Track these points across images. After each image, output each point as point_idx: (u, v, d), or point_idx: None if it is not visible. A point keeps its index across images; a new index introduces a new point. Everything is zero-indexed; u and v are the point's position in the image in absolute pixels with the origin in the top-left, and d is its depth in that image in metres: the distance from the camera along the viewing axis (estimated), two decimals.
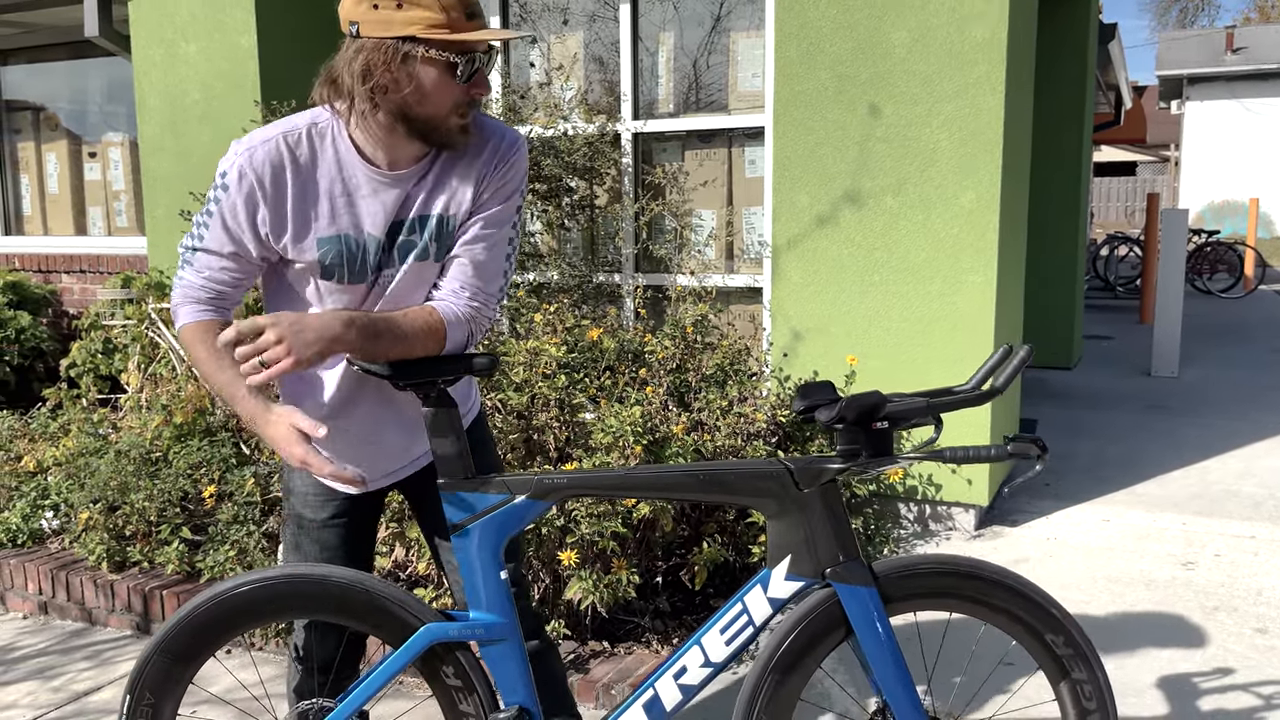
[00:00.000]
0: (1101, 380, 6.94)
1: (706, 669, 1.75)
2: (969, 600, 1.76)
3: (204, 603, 1.76)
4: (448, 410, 1.77)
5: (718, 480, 1.74)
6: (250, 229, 1.75)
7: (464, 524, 1.77)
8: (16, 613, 3.76)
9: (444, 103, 1.71)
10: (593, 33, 5.12)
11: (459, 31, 1.66)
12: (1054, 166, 7.11)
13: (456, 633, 1.77)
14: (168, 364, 4.85)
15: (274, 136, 1.74)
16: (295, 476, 2.01)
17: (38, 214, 6.98)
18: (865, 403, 1.69)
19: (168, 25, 5.24)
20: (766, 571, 1.75)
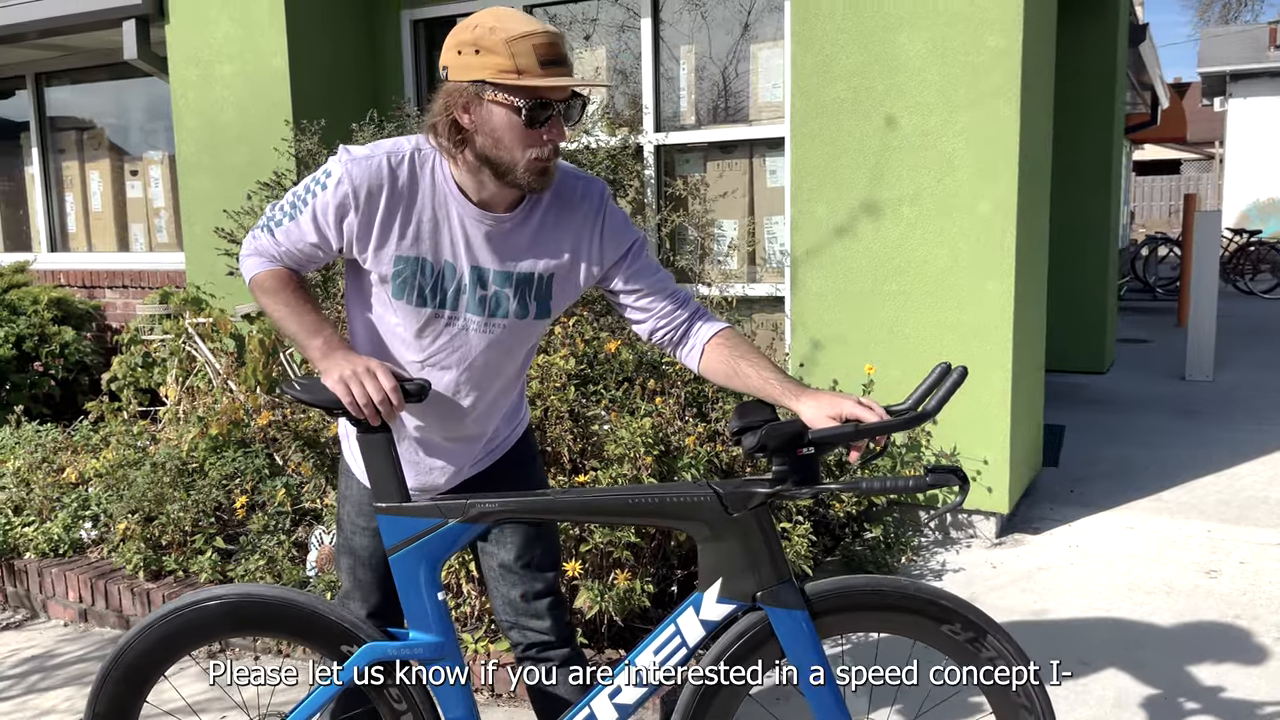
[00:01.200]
0: (1134, 385, 6.88)
1: (640, 689, 1.78)
2: (882, 615, 1.78)
3: (145, 627, 1.85)
4: (383, 435, 1.81)
5: (646, 505, 1.76)
6: (335, 230, 1.84)
7: (399, 546, 1.82)
8: (58, 620, 3.89)
9: (515, 147, 1.76)
10: (615, 47, 5.19)
11: (527, 78, 1.71)
12: (1082, 171, 7.05)
13: (395, 651, 1.84)
14: (204, 377, 4.98)
15: (380, 155, 1.82)
16: (353, 484, 2.09)
17: (82, 231, 7.19)
18: (785, 431, 1.68)
19: (203, 48, 5.39)
20: (699, 594, 1.76)
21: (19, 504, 4.23)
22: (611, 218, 1.95)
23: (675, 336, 1.97)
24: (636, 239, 1.97)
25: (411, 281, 1.87)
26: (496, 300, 1.90)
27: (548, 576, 2.18)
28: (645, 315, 1.99)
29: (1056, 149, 6.99)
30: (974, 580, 3.66)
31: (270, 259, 1.92)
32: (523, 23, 1.74)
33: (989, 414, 3.94)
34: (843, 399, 1.75)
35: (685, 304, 1.98)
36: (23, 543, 4.04)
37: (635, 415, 3.17)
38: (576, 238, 1.92)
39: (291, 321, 1.88)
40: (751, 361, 1.89)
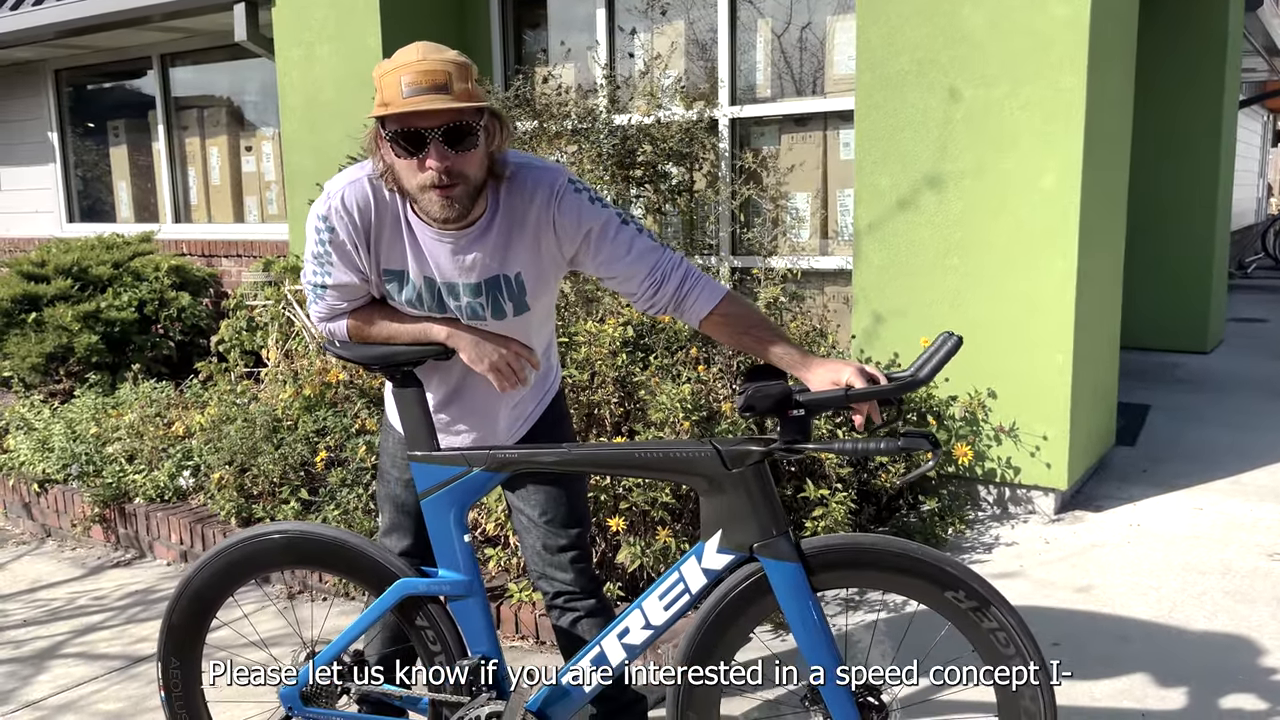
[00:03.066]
0: (1237, 365, 6.62)
1: (647, 631, 1.92)
2: (881, 574, 1.85)
3: (258, 533, 2.11)
4: (413, 389, 2.00)
5: (651, 459, 1.89)
6: (356, 256, 1.95)
7: (430, 491, 2.00)
8: (162, 560, 4.25)
9: (405, 176, 1.84)
10: (691, 20, 5.26)
11: (391, 108, 1.77)
12: (1187, 142, 6.78)
13: (426, 587, 2.02)
14: (301, 341, 5.30)
15: (360, 178, 1.93)
16: (387, 438, 2.30)
17: (203, 203, 7.67)
18: (769, 393, 1.78)
19: (304, 28, 5.69)
20: (701, 544, 1.88)
21: (132, 453, 4.61)
22: (564, 208, 1.94)
23: (667, 313, 2.02)
24: (593, 225, 1.95)
25: (397, 291, 2.00)
26: (472, 309, 2.01)
27: (570, 532, 2.32)
28: (629, 295, 2.03)
29: (1159, 118, 6.77)
30: (1024, 555, 3.67)
31: (340, 314, 2.03)
32: (407, 54, 1.79)
33: (1048, 390, 3.90)
34: (844, 366, 1.82)
35: (667, 282, 1.96)
36: (133, 489, 4.43)
37: (677, 382, 3.29)
38: (535, 234, 1.96)
39: (403, 334, 2.01)
40: (755, 335, 1.95)
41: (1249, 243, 13.74)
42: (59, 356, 6.03)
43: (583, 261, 2.01)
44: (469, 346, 2.00)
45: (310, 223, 1.96)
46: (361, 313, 2.03)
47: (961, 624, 1.82)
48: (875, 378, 1.81)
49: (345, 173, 1.97)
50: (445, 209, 1.85)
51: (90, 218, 8.38)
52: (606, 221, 1.96)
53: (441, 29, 5.70)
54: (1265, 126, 15.43)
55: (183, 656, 2.23)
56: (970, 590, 1.80)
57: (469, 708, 2.01)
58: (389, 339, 2.02)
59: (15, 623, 3.64)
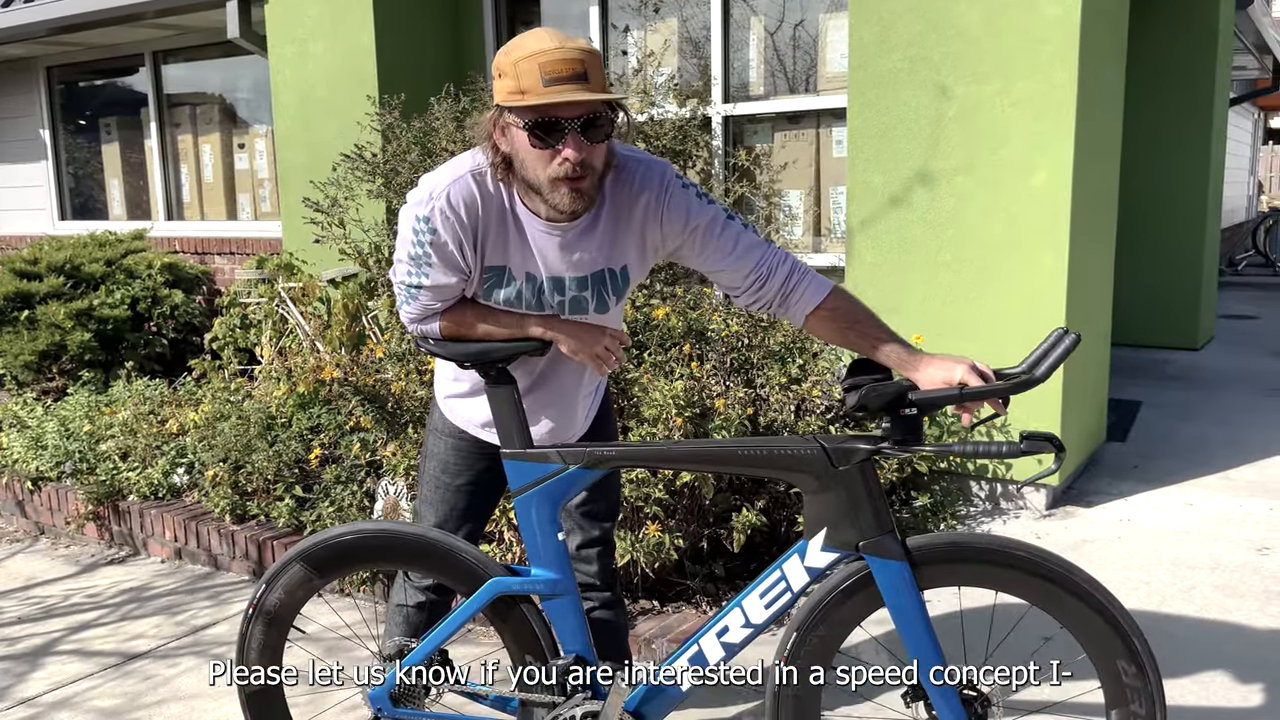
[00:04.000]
0: (1228, 362, 6.65)
1: (747, 629, 1.88)
2: (994, 572, 1.80)
3: (339, 534, 2.07)
4: (507, 387, 1.96)
5: (757, 457, 1.86)
6: (460, 256, 1.90)
7: (524, 489, 1.96)
8: (156, 557, 4.25)
9: (535, 166, 1.80)
10: (684, 18, 5.27)
11: (529, 97, 1.72)
12: (1178, 139, 6.81)
13: (519, 586, 1.99)
14: (295, 338, 5.31)
15: (463, 175, 1.88)
16: (441, 444, 2.25)
17: (195, 200, 7.66)
18: (886, 391, 1.75)
19: (298, 25, 5.69)
20: (804, 542, 1.85)
21: (125, 451, 4.61)
22: (672, 202, 1.92)
23: (771, 309, 1.98)
24: (702, 220, 1.93)
25: (497, 288, 1.96)
26: (577, 303, 1.98)
27: (605, 525, 2.34)
28: (731, 289, 1.99)
29: (1151, 116, 6.79)
30: None
31: (434, 315, 1.99)
32: (539, 41, 1.74)
33: (1040, 386, 3.91)
34: (956, 364, 1.78)
35: (773, 277, 1.93)
36: (126, 486, 4.43)
37: (671, 378, 3.30)
38: (642, 228, 1.95)
39: (499, 332, 1.97)
40: (861, 331, 1.90)
41: (1239, 240, 13.79)
42: (52, 354, 6.02)
43: (685, 255, 1.99)
44: (569, 338, 1.97)
45: (406, 222, 1.91)
46: (454, 311, 1.99)
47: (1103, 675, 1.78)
48: (988, 375, 1.78)
49: (444, 170, 1.92)
50: (574, 201, 1.83)
51: (82, 215, 8.37)
52: (713, 218, 1.93)
53: (435, 26, 5.71)
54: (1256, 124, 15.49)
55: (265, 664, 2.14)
56: (1140, 670, 1.75)
57: (564, 708, 1.98)
58: (485, 337, 1.98)
59: (9, 620, 3.65)
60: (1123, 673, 1.78)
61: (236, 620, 3.49)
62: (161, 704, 2.97)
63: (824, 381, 3.65)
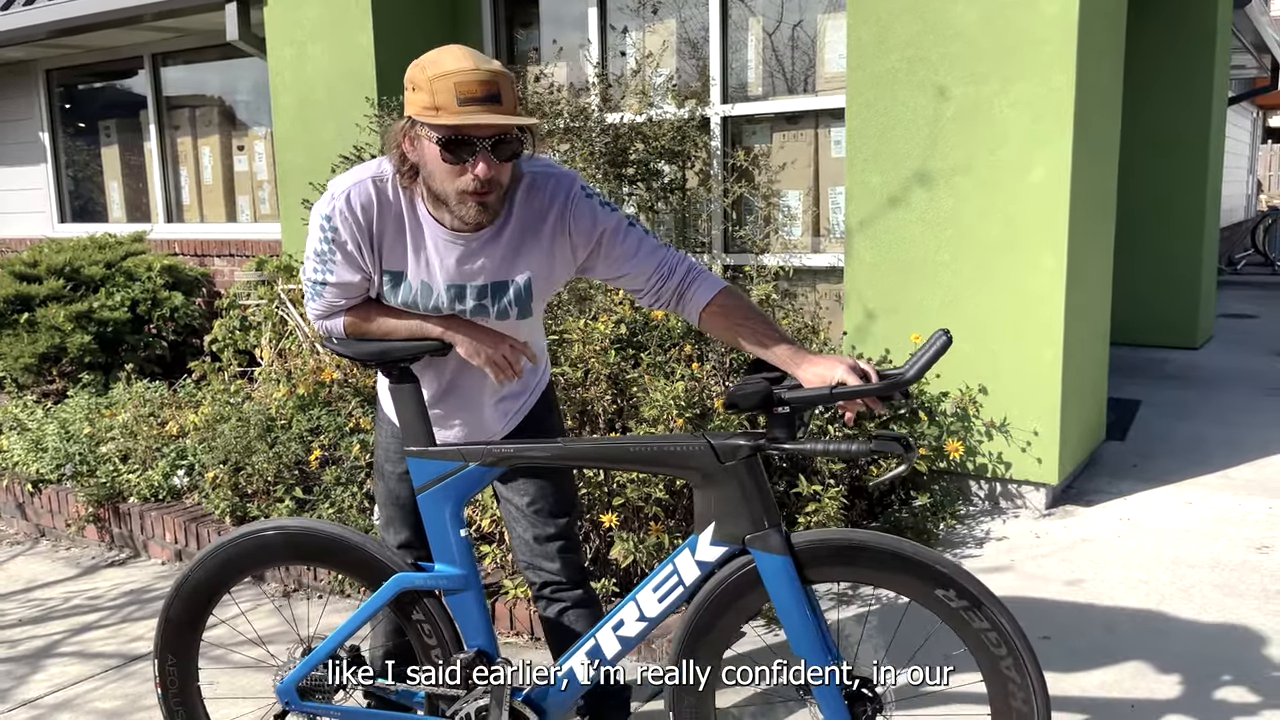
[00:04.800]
0: (1227, 361, 6.66)
1: (642, 623, 1.94)
2: (872, 570, 1.85)
3: (257, 529, 2.12)
4: (410, 385, 2.03)
5: (646, 453, 1.91)
6: (360, 256, 1.97)
7: (426, 486, 2.02)
8: (156, 559, 4.26)
9: (446, 180, 1.86)
10: (683, 19, 5.28)
11: (443, 115, 1.78)
12: (1177, 138, 6.82)
13: (423, 582, 2.04)
14: (295, 340, 5.31)
15: (365, 179, 1.95)
16: (381, 433, 2.33)
17: (195, 203, 7.67)
18: (749, 391, 1.81)
19: (296, 27, 5.69)
20: (694, 536, 1.89)
21: (126, 453, 4.62)
22: (577, 214, 1.98)
23: (670, 306, 2.05)
24: (605, 228, 2.00)
25: (394, 292, 2.02)
26: (477, 311, 2.04)
27: (559, 522, 2.34)
28: (635, 291, 2.07)
29: (1149, 116, 6.80)
30: (1016, 549, 3.69)
31: (338, 311, 2.05)
32: (456, 60, 1.79)
33: (1039, 386, 3.93)
34: (836, 364, 1.82)
35: (672, 276, 2.01)
36: (127, 488, 4.43)
37: (671, 379, 3.31)
38: (550, 241, 2.00)
39: (400, 330, 2.03)
40: (750, 328, 1.96)
41: (1239, 239, 13.80)
42: (52, 357, 6.02)
43: (593, 264, 2.05)
44: (465, 341, 2.03)
45: (314, 221, 1.98)
46: (358, 310, 2.05)
47: (953, 622, 1.83)
48: (867, 375, 1.81)
49: (349, 173, 1.99)
50: (479, 214, 1.90)
51: (82, 218, 8.38)
52: (617, 224, 2.01)
53: (433, 28, 5.71)
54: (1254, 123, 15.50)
55: (179, 653, 2.25)
56: (961, 589, 1.80)
57: (464, 701, 2.04)
58: (385, 335, 2.04)
59: (11, 622, 3.65)
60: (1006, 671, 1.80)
61: (236, 622, 3.50)
62: None
63: None
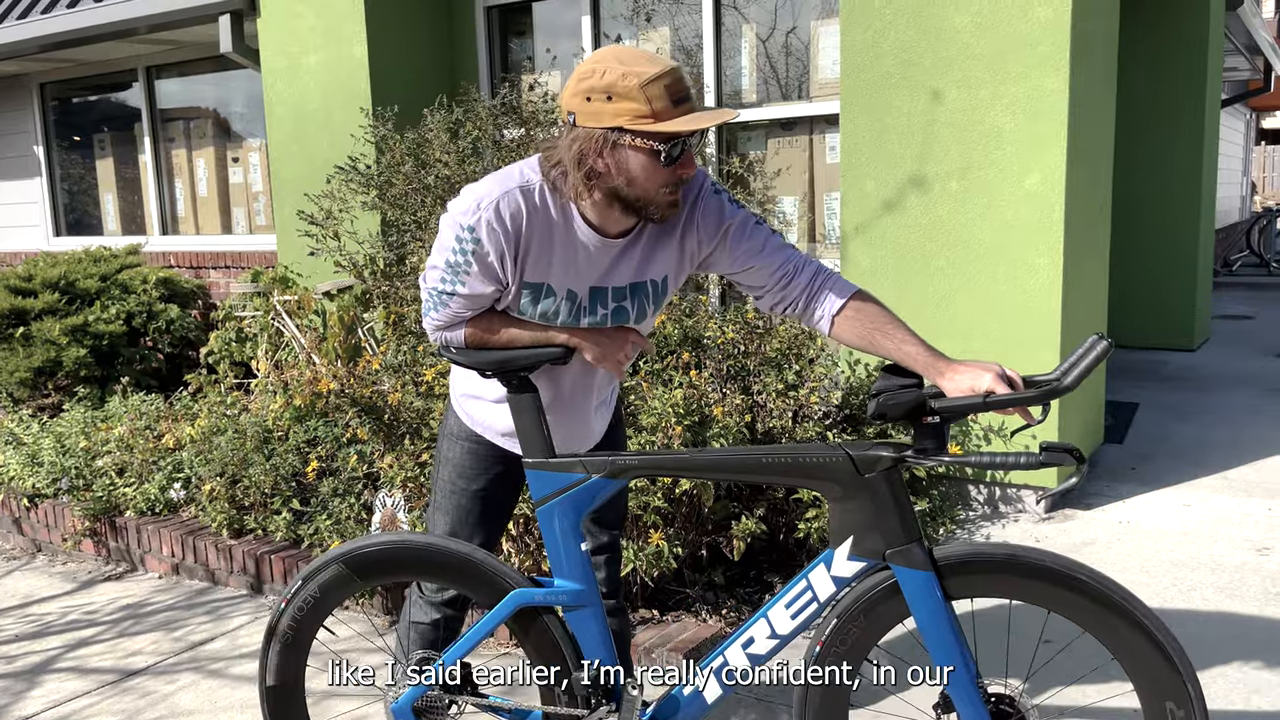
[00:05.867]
0: (1224, 362, 6.66)
1: (773, 640, 1.86)
2: (1030, 590, 1.75)
3: (377, 543, 2.05)
4: (530, 395, 1.96)
5: (782, 465, 1.83)
6: (500, 268, 1.91)
7: (546, 499, 1.95)
8: (153, 573, 4.24)
9: (651, 185, 1.83)
10: (676, 27, 5.28)
11: (663, 121, 1.75)
12: (1170, 142, 6.84)
13: (542, 598, 1.97)
14: (291, 351, 5.30)
15: (512, 189, 1.89)
16: (455, 449, 2.23)
17: (190, 214, 7.66)
18: (903, 400, 1.73)
19: (291, 39, 5.69)
20: (830, 551, 1.82)
21: (122, 466, 4.60)
22: (706, 209, 1.97)
23: (797, 310, 1.99)
24: (732, 221, 1.97)
25: (535, 302, 1.97)
26: (619, 313, 2.00)
27: (613, 533, 2.34)
28: (759, 292, 2.01)
29: (1144, 119, 6.82)
30: None
31: (460, 323, 1.99)
32: (650, 64, 1.78)
33: None
34: (983, 372, 1.74)
35: (799, 275, 1.97)
36: (123, 502, 4.41)
37: (669, 387, 3.30)
38: (682, 236, 1.99)
39: (523, 339, 1.98)
40: (887, 333, 1.89)
41: (1234, 240, 13.82)
42: (47, 370, 6.00)
43: (717, 258, 2.01)
44: (593, 345, 1.98)
45: (449, 230, 1.91)
46: (480, 320, 1.99)
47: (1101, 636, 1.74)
48: (1015, 382, 1.74)
49: (491, 181, 1.92)
50: (673, 208, 1.89)
51: (77, 231, 8.36)
52: (744, 220, 1.98)
53: (427, 38, 5.71)
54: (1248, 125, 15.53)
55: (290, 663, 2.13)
56: (1131, 617, 1.71)
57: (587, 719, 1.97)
58: (508, 344, 1.98)
59: (7, 638, 3.63)
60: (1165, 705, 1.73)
61: (235, 635, 3.49)
62: None
63: (820, 388, 3.65)
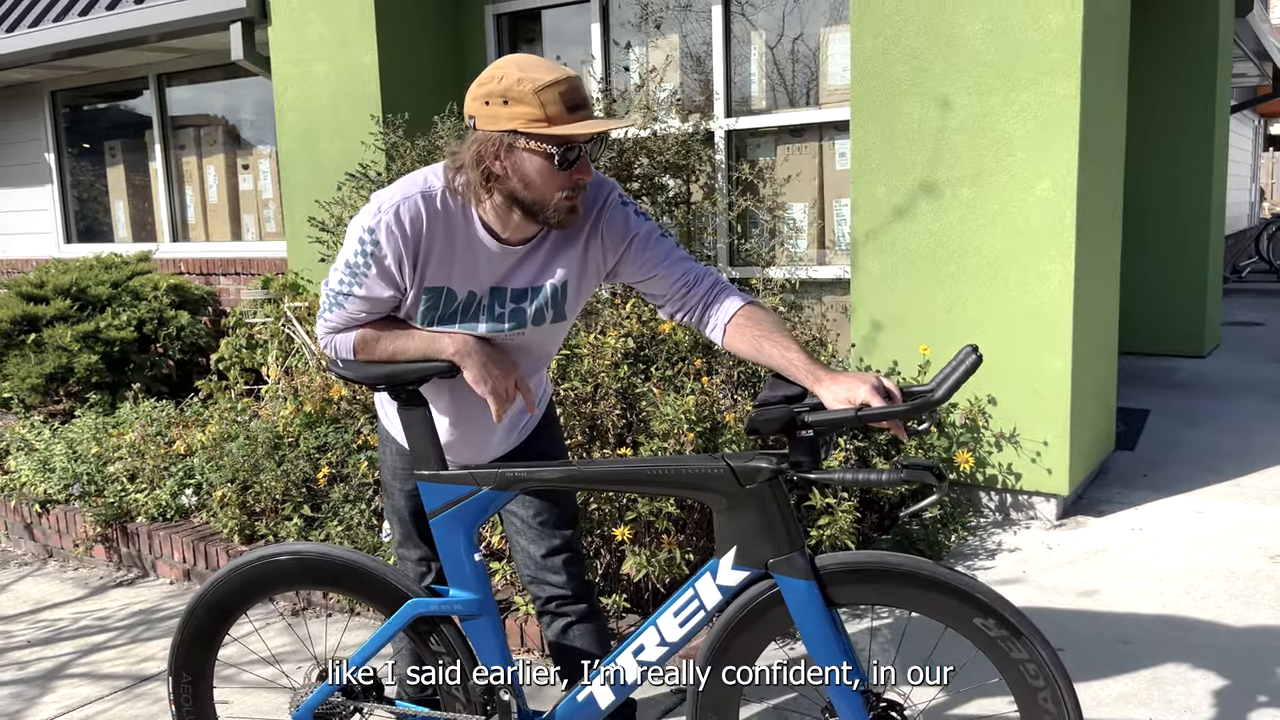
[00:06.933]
0: (1234, 368, 6.64)
1: (662, 647, 1.89)
2: (903, 595, 1.79)
3: (271, 553, 2.09)
4: (419, 409, 1.99)
5: (664, 476, 1.86)
6: (398, 272, 1.93)
7: (438, 511, 1.99)
8: (165, 579, 4.25)
9: (548, 189, 1.86)
10: (685, 34, 5.29)
11: (557, 125, 1.79)
12: (1179, 149, 6.83)
13: (437, 607, 2.01)
14: (301, 357, 5.31)
15: (414, 194, 1.92)
16: (386, 450, 2.31)
17: (200, 222, 7.68)
18: (771, 416, 1.75)
19: (301, 47, 5.71)
20: (715, 560, 1.85)
21: (133, 472, 4.61)
22: (612, 219, 2.01)
23: (694, 318, 2.04)
24: (636, 232, 2.01)
25: (434, 309, 1.99)
26: (515, 315, 2.02)
27: (564, 534, 2.33)
28: (660, 300, 2.07)
29: (1153, 125, 6.81)
30: (1028, 560, 3.67)
31: (354, 326, 2.00)
32: (546, 71, 1.81)
33: (1048, 396, 3.92)
34: (860, 384, 1.74)
35: (699, 285, 2.01)
36: (135, 508, 4.42)
37: (681, 393, 3.30)
38: (584, 243, 2.02)
39: (411, 349, 1.98)
40: (774, 341, 1.91)
41: (1243, 247, 13.79)
42: (59, 377, 6.02)
43: (622, 268, 2.06)
44: (476, 366, 1.97)
45: (353, 232, 1.94)
46: (371, 326, 2.01)
47: (990, 651, 1.75)
48: (893, 394, 1.74)
49: (396, 187, 1.95)
50: (570, 214, 1.92)
51: (88, 238, 8.40)
52: (648, 231, 2.03)
53: (437, 46, 5.73)
54: (1256, 131, 15.51)
55: (194, 672, 2.23)
56: (1000, 618, 1.72)
57: None
58: (394, 355, 1.99)
59: (20, 644, 3.64)
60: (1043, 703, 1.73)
61: (247, 640, 3.48)
62: None
63: None
